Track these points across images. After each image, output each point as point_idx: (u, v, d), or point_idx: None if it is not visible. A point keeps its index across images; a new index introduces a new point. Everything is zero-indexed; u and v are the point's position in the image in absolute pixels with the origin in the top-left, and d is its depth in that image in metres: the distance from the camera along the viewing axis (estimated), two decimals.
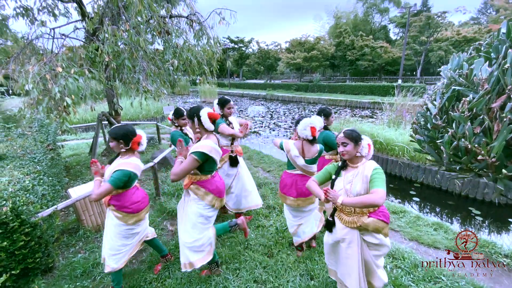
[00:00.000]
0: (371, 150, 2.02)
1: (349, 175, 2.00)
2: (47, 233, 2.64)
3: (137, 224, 2.36)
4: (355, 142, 1.94)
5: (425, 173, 5.94)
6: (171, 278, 2.62)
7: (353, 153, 1.96)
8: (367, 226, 1.94)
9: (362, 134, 2.03)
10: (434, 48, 26.76)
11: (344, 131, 1.99)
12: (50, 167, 3.80)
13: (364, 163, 1.98)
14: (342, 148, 1.97)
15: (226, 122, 3.19)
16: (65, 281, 2.62)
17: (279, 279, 2.61)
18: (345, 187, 1.99)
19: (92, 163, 2.29)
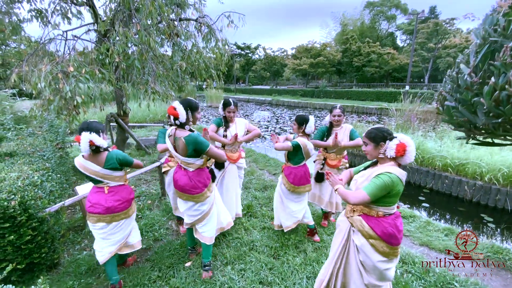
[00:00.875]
0: (407, 154, 1.73)
1: (368, 170, 1.93)
2: (54, 228, 2.65)
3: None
4: (375, 142, 1.80)
5: (435, 178, 5.81)
6: (176, 277, 2.58)
7: (375, 154, 1.84)
8: (353, 222, 1.91)
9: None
10: (442, 54, 26.54)
11: (368, 130, 1.88)
12: (58, 165, 3.85)
13: (386, 165, 1.78)
14: (364, 148, 1.91)
15: (226, 125, 3.16)
16: (70, 277, 2.61)
17: (285, 281, 2.55)
18: (357, 179, 1.95)
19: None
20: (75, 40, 4.46)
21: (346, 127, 3.25)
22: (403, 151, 1.72)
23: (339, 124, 3.23)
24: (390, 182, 1.67)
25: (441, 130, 7.37)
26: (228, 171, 3.28)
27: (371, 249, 1.81)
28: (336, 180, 1.90)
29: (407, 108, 8.65)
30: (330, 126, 3.28)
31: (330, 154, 3.30)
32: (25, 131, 5.13)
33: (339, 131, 3.20)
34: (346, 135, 3.20)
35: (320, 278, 2.11)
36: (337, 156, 3.29)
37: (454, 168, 5.57)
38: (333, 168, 3.29)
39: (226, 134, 3.16)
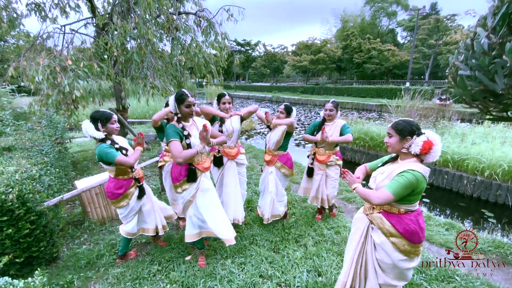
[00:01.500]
0: (432, 151, 1.64)
1: (388, 166, 1.82)
2: (52, 222, 2.63)
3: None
4: (402, 136, 1.68)
5: (435, 174, 5.79)
6: (176, 271, 2.57)
7: (398, 148, 1.72)
8: (372, 219, 1.82)
9: (420, 129, 1.68)
10: (443, 51, 26.42)
11: (396, 120, 1.76)
12: (57, 159, 3.82)
13: (408, 162, 1.69)
14: (387, 139, 1.77)
15: (221, 119, 2.98)
16: (69, 271, 2.60)
17: (286, 274, 2.54)
18: (376, 176, 1.85)
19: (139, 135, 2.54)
20: (73, 34, 4.41)
21: (338, 122, 3.19)
22: (429, 149, 1.63)
23: (331, 119, 3.19)
24: (415, 180, 1.58)
25: (442, 126, 7.34)
26: (227, 168, 3.09)
27: (392, 248, 1.73)
28: (354, 178, 1.84)
29: (408, 104, 8.61)
30: (323, 121, 3.24)
31: (319, 149, 3.27)
32: (24, 127, 5.11)
33: (331, 126, 3.16)
34: (336, 130, 3.13)
35: (342, 280, 1.98)
36: (326, 152, 3.25)
37: (454, 163, 5.55)
38: (322, 163, 3.26)
39: (222, 129, 2.97)
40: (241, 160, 3.21)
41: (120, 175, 2.45)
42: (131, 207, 2.53)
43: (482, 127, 7.21)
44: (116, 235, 3.18)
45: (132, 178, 2.52)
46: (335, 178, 3.33)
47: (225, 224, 2.50)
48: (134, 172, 2.54)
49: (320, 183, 3.34)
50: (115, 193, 2.43)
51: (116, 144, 2.41)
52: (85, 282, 2.49)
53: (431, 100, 15.36)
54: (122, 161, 2.30)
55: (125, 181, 2.46)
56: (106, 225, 3.42)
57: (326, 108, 3.16)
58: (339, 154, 3.31)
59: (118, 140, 2.50)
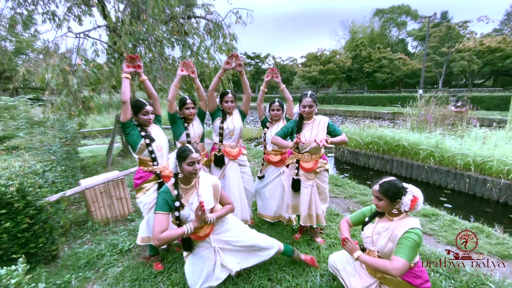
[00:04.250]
0: (417, 205, 1.73)
1: (381, 225, 1.83)
2: (53, 218, 2.54)
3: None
4: (391, 200, 1.73)
5: (456, 178, 5.44)
6: (178, 273, 2.41)
7: (388, 209, 1.78)
8: (385, 281, 1.78)
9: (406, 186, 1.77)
10: (456, 58, 25.87)
11: (380, 183, 1.77)
12: (65, 159, 3.80)
13: (402, 219, 1.75)
14: (376, 201, 1.81)
15: (223, 116, 2.86)
16: (68, 271, 2.48)
17: (297, 278, 2.32)
18: (372, 237, 1.84)
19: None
20: (86, 38, 4.51)
21: (320, 119, 2.61)
22: (415, 204, 1.72)
23: (310, 117, 2.60)
24: (419, 238, 1.65)
25: (461, 129, 6.99)
26: (228, 169, 2.92)
27: None
28: (354, 245, 1.79)
29: (422, 108, 8.30)
30: (300, 119, 2.64)
31: (304, 154, 2.63)
32: (37, 130, 5.18)
33: (311, 124, 2.60)
34: (321, 130, 2.56)
35: None
36: (313, 157, 2.61)
37: (476, 166, 5.20)
38: (309, 172, 2.62)
39: (223, 126, 2.83)
40: (243, 161, 3.03)
41: (142, 165, 2.38)
42: (144, 202, 2.36)
43: (503, 131, 6.82)
44: (119, 235, 3.06)
45: (152, 172, 2.37)
46: (326, 187, 2.72)
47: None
48: (156, 166, 2.37)
49: (312, 198, 2.65)
50: (135, 182, 2.38)
51: (143, 132, 2.32)
52: (83, 282, 2.36)
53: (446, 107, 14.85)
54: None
55: (144, 173, 2.36)
56: (110, 226, 3.31)
57: (304, 104, 2.53)
58: (324, 157, 2.72)
59: (154, 131, 2.42)
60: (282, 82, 3.01)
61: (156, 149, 2.36)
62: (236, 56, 2.80)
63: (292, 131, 2.66)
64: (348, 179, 5.24)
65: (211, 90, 2.85)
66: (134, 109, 2.30)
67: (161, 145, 2.42)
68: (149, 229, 2.42)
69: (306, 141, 2.52)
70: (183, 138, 2.73)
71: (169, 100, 2.61)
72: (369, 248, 1.87)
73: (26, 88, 14.66)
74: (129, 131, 2.27)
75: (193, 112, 2.73)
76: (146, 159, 2.35)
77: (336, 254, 2.20)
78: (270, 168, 3.11)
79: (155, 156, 2.35)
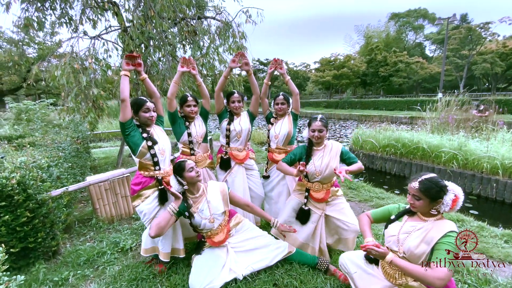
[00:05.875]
0: (457, 205, 1.53)
1: (411, 225, 1.64)
2: (54, 213, 2.49)
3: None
4: (432, 199, 1.52)
5: (482, 183, 5.04)
6: (178, 274, 2.28)
7: (426, 210, 1.59)
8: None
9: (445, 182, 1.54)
10: (478, 61, 24.74)
11: (420, 180, 1.54)
12: (73, 156, 3.82)
13: (438, 220, 1.56)
14: (412, 201, 1.59)
15: (230, 117, 2.76)
16: (67, 267, 2.41)
17: (305, 284, 2.12)
18: (398, 236, 1.64)
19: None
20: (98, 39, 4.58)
21: (333, 145, 2.38)
22: (456, 204, 1.51)
23: (320, 142, 2.37)
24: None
25: (486, 132, 6.52)
26: (234, 173, 2.79)
27: None
28: (384, 250, 1.55)
29: (443, 110, 7.88)
30: (309, 144, 2.41)
31: (314, 184, 2.38)
32: (51, 130, 5.31)
33: (322, 151, 2.36)
34: (333, 157, 2.32)
35: None
36: (324, 186, 2.37)
37: (505, 170, 4.78)
38: (320, 202, 2.38)
39: (229, 127, 2.73)
40: (250, 165, 2.90)
41: (142, 169, 2.21)
42: (144, 212, 2.20)
43: None
44: (122, 234, 2.98)
45: (154, 178, 2.21)
46: (347, 215, 2.38)
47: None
48: (158, 171, 2.22)
49: (318, 230, 2.40)
50: (132, 188, 2.22)
51: (145, 133, 2.16)
52: (81, 280, 2.28)
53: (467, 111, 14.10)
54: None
55: (144, 179, 2.19)
56: (114, 224, 3.25)
57: (313, 128, 2.31)
58: (336, 184, 2.51)
59: (156, 133, 2.26)
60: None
61: (158, 152, 2.20)
62: (243, 55, 2.70)
63: (300, 158, 2.43)
64: (363, 182, 4.96)
65: (217, 90, 2.75)
66: (135, 107, 2.16)
67: (163, 148, 2.26)
68: (153, 240, 2.31)
69: (316, 170, 2.31)
70: (184, 138, 2.61)
71: (168, 98, 2.51)
72: (391, 248, 1.67)
73: (48, 93, 15.41)
74: (129, 131, 2.11)
75: (194, 110, 2.61)
76: (148, 163, 2.19)
77: (348, 254, 1.99)
78: (274, 167, 2.94)
79: (157, 160, 2.18)
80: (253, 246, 2.29)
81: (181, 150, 2.72)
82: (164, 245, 2.26)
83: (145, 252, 2.35)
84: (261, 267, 2.21)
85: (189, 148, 2.65)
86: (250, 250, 2.27)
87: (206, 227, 2.17)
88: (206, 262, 2.15)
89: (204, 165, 2.74)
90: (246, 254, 2.26)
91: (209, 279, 2.03)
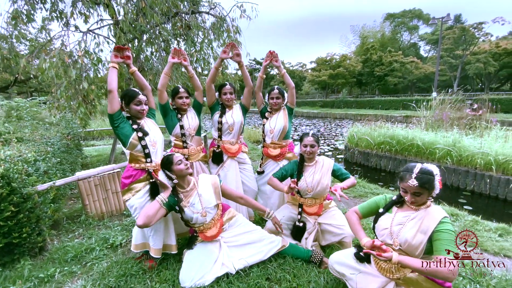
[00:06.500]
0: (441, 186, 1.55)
1: (403, 215, 1.61)
2: (41, 208, 2.41)
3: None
4: (431, 189, 1.51)
5: (476, 179, 5.05)
6: (168, 269, 2.22)
7: (424, 201, 1.57)
8: (408, 282, 1.54)
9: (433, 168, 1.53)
10: (472, 60, 25.01)
11: (416, 176, 1.49)
12: (62, 152, 3.72)
13: (428, 208, 1.56)
14: (413, 198, 1.54)
15: (222, 110, 2.71)
16: (53, 264, 2.33)
17: (299, 278, 2.08)
18: (391, 229, 1.60)
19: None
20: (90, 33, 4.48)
21: (324, 161, 2.40)
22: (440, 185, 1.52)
23: (312, 158, 2.38)
24: (454, 228, 1.49)
25: (480, 128, 6.56)
26: (227, 167, 2.73)
27: None
28: (389, 253, 1.47)
29: (438, 107, 7.92)
30: (301, 160, 2.42)
31: (306, 199, 2.40)
32: (42, 127, 5.19)
33: (313, 167, 2.38)
34: (324, 173, 2.34)
35: None
36: (316, 201, 2.40)
37: (498, 166, 4.81)
38: (313, 216, 2.41)
39: (221, 120, 2.67)
40: (243, 159, 2.85)
41: (133, 161, 2.14)
42: (135, 206, 2.13)
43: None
44: (112, 230, 2.91)
45: (145, 171, 2.15)
46: (338, 221, 2.34)
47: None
48: (149, 163, 2.15)
49: (312, 233, 2.41)
50: (123, 182, 2.15)
51: (135, 125, 2.10)
52: (68, 276, 2.21)
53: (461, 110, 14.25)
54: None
55: (135, 171, 2.12)
56: (104, 220, 3.17)
57: (305, 143, 2.31)
58: (329, 197, 2.53)
59: (147, 125, 2.20)
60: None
61: (149, 144, 2.14)
62: (234, 45, 2.64)
63: (292, 174, 2.44)
64: (358, 178, 4.94)
65: (208, 82, 2.70)
66: (126, 99, 2.11)
67: (155, 140, 2.20)
68: (144, 235, 2.25)
69: (308, 187, 2.33)
70: (176, 131, 2.56)
71: (158, 89, 2.45)
72: (385, 242, 1.62)
73: (40, 92, 15.14)
74: (118, 123, 2.05)
75: (186, 102, 2.56)
76: (139, 155, 2.13)
77: (337, 256, 1.88)
78: (269, 163, 2.89)
79: (148, 152, 2.12)
80: (246, 240, 2.25)
81: (173, 143, 2.66)
82: (155, 241, 2.20)
83: (136, 248, 2.29)
84: (255, 261, 2.18)
85: (181, 141, 2.60)
86: (243, 244, 2.23)
87: (198, 221, 2.12)
88: (198, 256, 2.11)
89: (197, 159, 2.69)
90: (240, 248, 2.22)
91: (201, 274, 2.01)
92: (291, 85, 2.77)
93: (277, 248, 2.24)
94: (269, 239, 2.27)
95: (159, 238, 2.20)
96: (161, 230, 2.21)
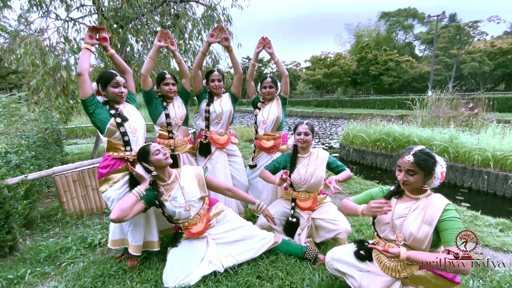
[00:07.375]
0: (443, 179, 1.43)
1: (403, 206, 1.48)
2: (10, 203, 2.20)
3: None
4: (428, 172, 1.38)
5: (473, 176, 4.96)
6: (151, 269, 2.04)
7: (419, 185, 1.44)
8: (416, 280, 1.40)
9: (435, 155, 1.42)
10: (467, 60, 25.19)
11: (414, 152, 1.38)
12: (39, 146, 3.49)
13: (429, 196, 1.44)
14: (406, 177, 1.41)
15: (210, 98, 2.54)
16: (24, 265, 2.13)
17: (292, 276, 1.92)
18: (393, 222, 1.45)
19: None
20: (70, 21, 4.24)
21: (319, 153, 2.31)
22: (443, 176, 1.42)
23: (305, 148, 2.28)
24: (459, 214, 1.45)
25: (476, 125, 6.49)
26: (215, 159, 2.58)
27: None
28: (396, 249, 1.33)
29: (434, 103, 7.85)
30: (294, 152, 2.33)
31: (299, 193, 2.30)
32: (19, 122, 4.91)
33: (307, 159, 2.28)
34: (319, 165, 2.24)
35: None
36: (310, 195, 2.30)
37: (496, 162, 4.72)
38: (307, 211, 2.32)
39: (209, 109, 2.51)
40: (232, 151, 2.68)
41: (111, 150, 1.96)
42: (112, 198, 1.94)
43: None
44: (91, 229, 2.71)
45: (124, 160, 1.97)
46: (333, 216, 2.22)
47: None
48: (129, 152, 1.97)
49: (305, 230, 2.29)
50: (100, 172, 1.96)
51: (113, 110, 1.93)
52: (39, 278, 2.01)
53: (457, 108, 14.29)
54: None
55: (113, 161, 1.95)
56: (83, 219, 2.96)
57: (299, 132, 2.22)
58: (323, 191, 2.43)
59: (127, 110, 2.03)
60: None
61: (129, 131, 1.95)
62: (222, 29, 2.48)
63: (284, 166, 2.33)
64: (354, 175, 4.81)
65: (195, 67, 2.53)
66: (102, 82, 1.93)
67: (135, 127, 2.01)
68: (121, 230, 2.07)
69: (301, 179, 2.23)
70: (162, 119, 2.38)
71: (142, 74, 2.27)
72: (388, 237, 1.49)
73: (20, 88, 14.71)
74: (92, 109, 1.87)
75: (173, 89, 2.38)
76: (117, 143, 1.95)
77: (335, 252, 1.72)
78: (262, 156, 2.73)
79: (128, 140, 1.94)
80: (236, 237, 2.09)
81: (158, 134, 2.48)
82: (134, 236, 2.01)
83: (113, 244, 2.10)
84: (245, 259, 2.02)
85: (167, 131, 2.42)
86: (233, 241, 2.07)
87: (181, 216, 1.95)
88: (183, 254, 1.93)
89: (184, 150, 2.51)
90: (229, 246, 2.06)
91: (185, 273, 1.84)
92: (285, 73, 2.64)
93: (269, 244, 2.10)
94: (261, 236, 2.12)
95: (138, 234, 2.02)
96: (141, 225, 2.02)
